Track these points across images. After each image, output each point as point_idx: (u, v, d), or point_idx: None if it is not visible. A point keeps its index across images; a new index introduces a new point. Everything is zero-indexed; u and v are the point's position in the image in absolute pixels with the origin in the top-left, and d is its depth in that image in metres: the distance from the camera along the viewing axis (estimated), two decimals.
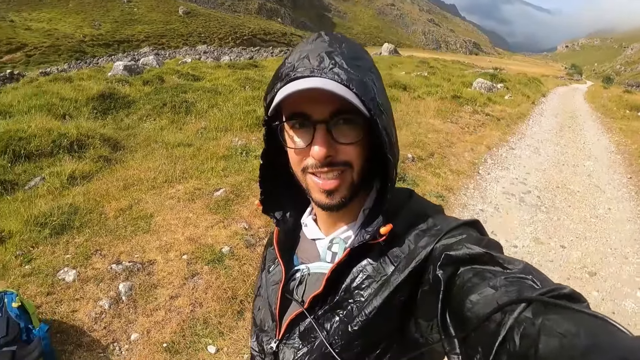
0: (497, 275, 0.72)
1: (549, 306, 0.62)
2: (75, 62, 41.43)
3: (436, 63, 33.53)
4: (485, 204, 6.84)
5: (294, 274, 1.08)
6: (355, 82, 0.82)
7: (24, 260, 4.26)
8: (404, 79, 16.71)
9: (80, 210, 5.19)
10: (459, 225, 0.89)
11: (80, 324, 3.53)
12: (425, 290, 0.82)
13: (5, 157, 6.85)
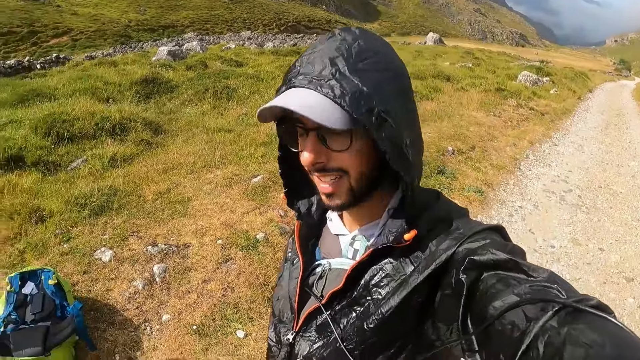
0: (522, 282, 0.72)
1: (575, 316, 0.62)
2: (120, 47, 42.51)
3: (481, 54, 32.99)
4: (524, 200, 6.73)
5: (315, 267, 1.11)
6: (349, 98, 0.80)
7: (62, 239, 4.43)
8: (448, 69, 16.48)
9: (119, 192, 5.35)
10: (482, 229, 0.88)
11: (114, 303, 3.66)
12: (447, 293, 0.83)
13: (49, 139, 7.12)
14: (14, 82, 13.45)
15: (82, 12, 59.58)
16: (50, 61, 24.58)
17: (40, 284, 3.35)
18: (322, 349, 0.98)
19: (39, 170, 6.10)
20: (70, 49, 38.44)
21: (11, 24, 45.78)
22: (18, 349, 2.86)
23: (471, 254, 0.81)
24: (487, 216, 5.99)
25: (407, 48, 34.10)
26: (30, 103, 9.83)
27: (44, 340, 2.92)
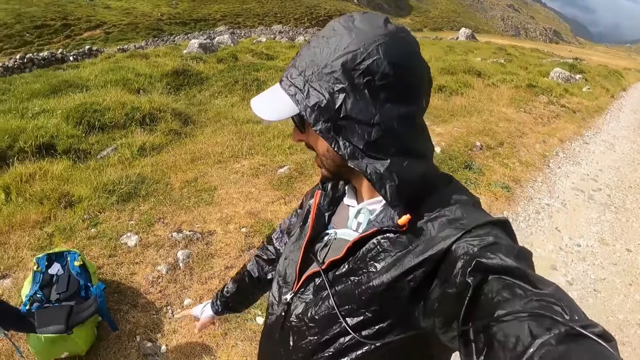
0: (528, 294, 0.73)
1: (575, 338, 0.64)
2: (152, 40, 43.15)
3: (514, 50, 32.58)
4: (552, 198, 6.66)
5: (323, 236, 1.17)
6: (308, 110, 0.93)
7: (90, 223, 4.57)
8: (479, 65, 16.35)
9: (147, 180, 5.50)
10: (485, 223, 0.90)
11: (138, 286, 3.77)
12: (450, 292, 0.83)
13: (80, 128, 7.34)
14: (47, 73, 13.86)
15: (115, 6, 60.80)
16: (83, 53, 25.15)
17: (66, 265, 3.48)
18: (316, 310, 1.05)
19: (70, 158, 6.30)
20: (102, 42, 39.29)
21: (45, 17, 47.02)
22: (42, 326, 2.98)
23: (480, 256, 0.81)
24: (513, 212, 5.94)
25: (438, 43, 33.88)
26: (62, 93, 10.13)
27: (67, 318, 3.03)
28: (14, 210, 4.81)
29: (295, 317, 1.10)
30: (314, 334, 1.04)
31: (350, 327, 0.96)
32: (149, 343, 3.32)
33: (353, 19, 0.94)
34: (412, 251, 0.91)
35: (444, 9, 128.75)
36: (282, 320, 1.15)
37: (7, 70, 21.15)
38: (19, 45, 39.10)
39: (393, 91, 0.92)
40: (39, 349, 3.03)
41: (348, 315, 0.97)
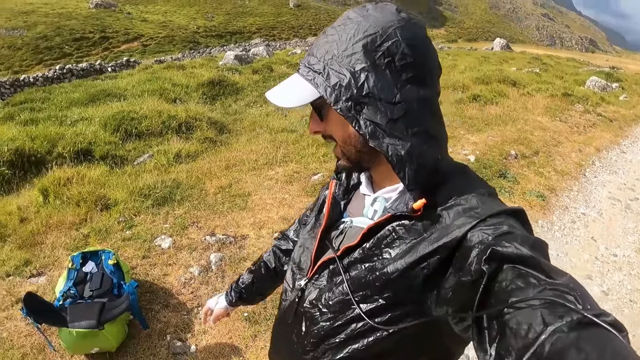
0: (542, 283, 0.75)
1: (587, 326, 0.66)
2: (189, 52, 44.14)
3: (549, 60, 32.19)
4: (588, 207, 6.56)
5: (339, 224, 1.21)
6: (329, 90, 0.96)
7: (125, 225, 4.73)
8: (514, 75, 16.26)
9: (182, 185, 5.67)
10: (499, 212, 0.91)
11: (170, 287, 3.87)
12: (465, 280, 0.85)
13: (118, 135, 7.61)
14: (86, 83, 14.39)
15: (152, 19, 62.45)
16: (121, 64, 25.97)
17: (100, 263, 3.61)
18: (329, 295, 1.08)
19: (107, 164, 6.52)
20: (140, 54, 40.38)
21: (84, 30, 48.63)
22: (74, 321, 3.09)
23: (495, 245, 0.83)
24: (548, 221, 5.87)
25: (473, 54, 33.70)
26: (100, 102, 10.53)
27: (99, 314, 3.14)
28: (51, 212, 5.00)
29: (308, 302, 1.13)
30: (327, 319, 1.07)
31: (364, 312, 0.99)
32: (178, 342, 3.40)
33: (367, 8, 0.99)
34: (426, 238, 0.94)
35: (478, 20, 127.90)
36: (295, 306, 1.19)
37: (47, 80, 22.00)
38: (59, 57, 40.53)
39: (413, 73, 0.96)
40: (70, 343, 3.12)
41: (362, 302, 1.00)
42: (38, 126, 7.96)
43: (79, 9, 59.13)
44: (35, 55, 41.33)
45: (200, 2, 79.98)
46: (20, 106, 11.33)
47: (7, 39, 43.30)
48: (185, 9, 75.76)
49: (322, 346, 1.08)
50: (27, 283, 3.92)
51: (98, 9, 60.74)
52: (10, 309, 3.62)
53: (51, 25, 48.42)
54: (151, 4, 77.24)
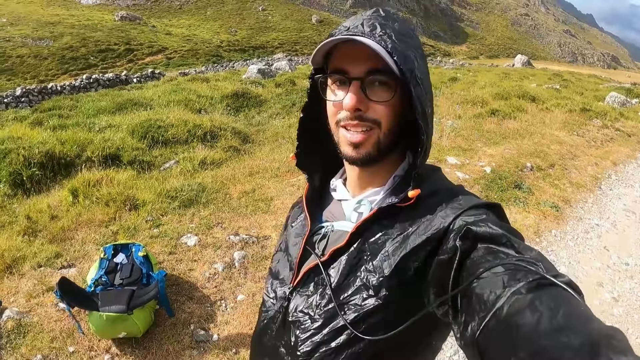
0: (509, 257, 0.80)
1: (543, 287, 0.72)
2: (212, 65, 44.85)
3: (570, 76, 32.20)
4: (602, 219, 6.70)
5: (317, 230, 1.20)
6: (398, 52, 0.96)
7: (153, 224, 5.03)
8: (534, 90, 16.44)
9: (207, 189, 5.97)
10: (480, 204, 0.98)
11: (195, 281, 4.15)
12: (442, 259, 0.91)
13: (145, 142, 7.96)
14: (112, 93, 14.86)
15: (176, 33, 63.59)
16: (146, 76, 26.68)
17: (130, 255, 3.90)
18: (319, 302, 1.06)
19: (134, 168, 6.85)
20: (164, 67, 41.10)
21: (109, 42, 49.66)
22: (105, 305, 3.35)
23: (470, 225, 0.89)
24: (561, 231, 6.02)
25: (494, 70, 33.87)
26: (127, 111, 10.93)
27: (128, 300, 3.40)
28: (81, 210, 5.32)
29: (296, 311, 1.11)
30: (319, 326, 1.05)
31: (350, 321, 0.99)
32: (201, 331, 3.65)
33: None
34: (414, 232, 0.98)
35: (499, 36, 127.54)
36: (280, 316, 1.16)
37: (74, 89, 22.73)
38: (84, 68, 41.55)
39: (429, 77, 1.07)
40: (99, 327, 3.38)
41: (351, 306, 1.00)
42: (67, 131, 8.33)
43: (104, 21, 60.58)
44: (61, 65, 42.42)
45: (224, 17, 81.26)
46: (48, 112, 11.78)
47: (34, 48, 44.46)
48: (209, 23, 77.02)
49: (317, 354, 1.04)
50: (57, 273, 4.20)
51: (123, 21, 62.14)
52: (41, 296, 3.89)
53: (77, 36, 49.59)
54: (175, 17, 78.78)
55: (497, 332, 0.71)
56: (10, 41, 45.41)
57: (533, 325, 0.66)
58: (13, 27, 50.65)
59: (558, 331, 0.63)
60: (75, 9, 73.31)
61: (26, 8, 64.30)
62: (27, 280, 4.10)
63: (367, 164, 1.09)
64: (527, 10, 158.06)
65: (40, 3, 73.85)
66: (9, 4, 65.96)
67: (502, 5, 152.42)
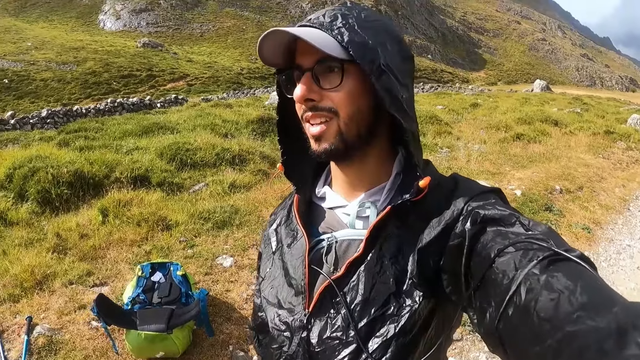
0: (519, 236, 0.79)
1: (557, 264, 0.70)
2: (233, 92, 45.45)
3: (590, 100, 32.56)
4: (633, 239, 6.75)
5: (317, 244, 1.10)
6: (355, 43, 0.92)
7: (187, 245, 5.04)
8: (556, 115, 16.71)
9: (240, 211, 5.99)
10: (487, 190, 0.97)
11: (232, 302, 4.13)
12: (452, 244, 0.90)
13: (173, 164, 8.01)
14: (138, 117, 15.10)
15: (197, 60, 64.72)
16: (170, 101, 27.12)
17: (168, 274, 3.88)
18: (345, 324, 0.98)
19: (163, 190, 6.88)
20: (185, 93, 41.55)
21: (131, 68, 50.69)
22: (143, 324, 3.34)
23: (477, 208, 0.89)
24: (594, 252, 6.07)
25: (514, 95, 34.12)
26: (154, 134, 11.06)
27: (168, 319, 3.39)
28: (111, 230, 5.35)
29: (322, 339, 1.01)
30: (355, 350, 0.96)
31: (394, 333, 0.93)
32: (241, 353, 3.62)
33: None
34: (428, 226, 0.95)
35: (517, 62, 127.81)
36: (301, 350, 1.04)
37: (98, 112, 23.17)
38: (106, 93, 42.29)
39: (410, 67, 1.05)
40: (137, 346, 3.37)
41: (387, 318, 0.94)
42: (95, 152, 8.43)
43: (127, 48, 61.92)
44: (84, 90, 43.30)
45: (245, 45, 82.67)
46: (74, 134, 11.95)
47: (58, 72, 45.54)
48: (230, 51, 78.36)
49: None
50: (89, 291, 4.22)
51: (145, 48, 63.45)
52: (72, 313, 3.90)
53: (100, 61, 50.73)
54: (197, 45, 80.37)
55: (517, 320, 0.70)
56: (34, 65, 46.66)
57: (553, 309, 0.65)
58: (37, 51, 52.11)
59: (580, 310, 0.62)
60: (98, 35, 75.35)
61: (50, 33, 66.26)
62: (58, 297, 4.11)
63: (335, 158, 1.05)
64: (544, 35, 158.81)
65: (65, 28, 76.17)
66: (34, 29, 68.04)
67: (519, 30, 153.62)
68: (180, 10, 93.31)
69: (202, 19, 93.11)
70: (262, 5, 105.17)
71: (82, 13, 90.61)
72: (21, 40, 57.92)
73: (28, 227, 5.69)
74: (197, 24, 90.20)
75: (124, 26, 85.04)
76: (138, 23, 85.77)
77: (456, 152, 10.95)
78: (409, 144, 0.98)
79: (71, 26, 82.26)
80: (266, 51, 0.99)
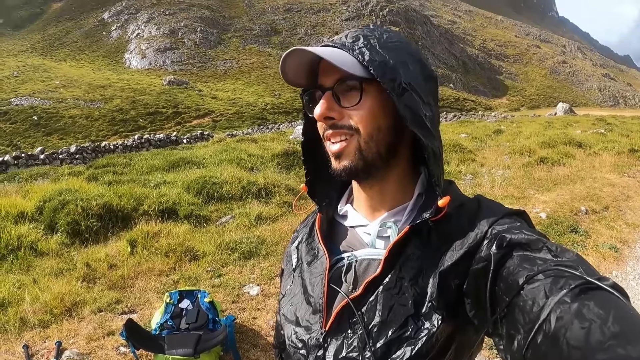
0: (548, 262, 0.78)
1: (588, 293, 0.69)
2: (257, 127, 45.97)
3: (614, 120, 32.41)
4: None
5: (337, 263, 1.09)
6: (376, 63, 0.94)
7: (214, 274, 5.17)
8: (579, 137, 16.78)
9: (266, 242, 6.13)
10: (512, 212, 0.96)
11: (259, 329, 4.20)
12: (476, 268, 0.88)
13: (200, 197, 8.19)
14: (164, 152, 15.46)
15: (222, 96, 65.86)
16: (196, 137, 27.69)
17: (195, 301, 3.99)
18: (361, 344, 0.97)
19: (190, 223, 7.02)
20: (211, 129, 42.25)
21: (157, 105, 51.77)
22: (171, 348, 3.44)
23: (504, 232, 0.88)
24: (622, 272, 5.98)
25: (537, 120, 34.21)
26: (180, 169, 11.31)
27: (195, 344, 3.48)
28: (139, 260, 5.50)
29: (335, 358, 1.00)
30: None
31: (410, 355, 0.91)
32: None
33: None
34: (450, 248, 0.94)
35: (539, 86, 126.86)
36: None
37: (126, 148, 23.67)
38: (133, 129, 43.16)
39: (434, 87, 1.06)
40: None
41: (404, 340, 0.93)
42: (123, 186, 8.66)
43: (152, 85, 63.41)
44: (111, 127, 44.32)
45: (268, 80, 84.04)
46: (103, 169, 12.29)
47: (86, 109, 46.76)
48: (254, 87, 79.66)
49: None
50: (118, 318, 4.33)
51: (171, 85, 64.91)
52: (101, 339, 4.01)
53: (127, 99, 51.97)
54: (221, 82, 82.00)
55: (546, 348, 0.69)
56: (63, 102, 47.99)
57: (584, 338, 0.64)
58: (66, 89, 53.62)
59: (612, 340, 0.61)
60: (124, 73, 77.35)
61: (78, 71, 68.17)
62: (87, 324, 4.23)
63: (355, 176, 1.05)
64: (565, 58, 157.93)
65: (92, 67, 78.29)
66: (62, 67, 70.10)
67: (539, 55, 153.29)
68: (204, 48, 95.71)
69: (225, 56, 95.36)
70: (284, 41, 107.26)
71: (108, 52, 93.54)
72: (50, 79, 59.81)
73: (58, 258, 5.85)
74: (220, 61, 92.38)
75: (149, 64, 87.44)
76: (163, 61, 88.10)
77: (480, 178, 11.01)
78: (429, 161, 0.97)
79: (98, 65, 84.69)
80: (289, 71, 1.02)
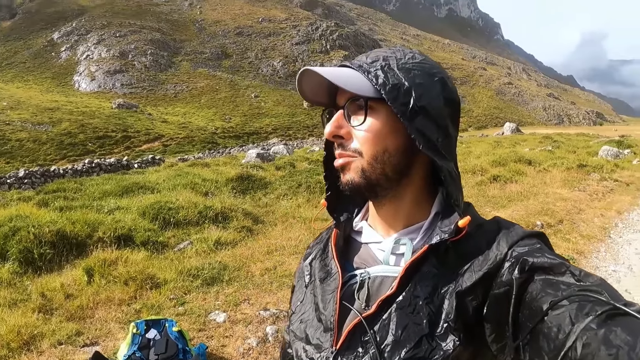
0: (572, 287, 0.76)
1: (615, 318, 0.68)
2: (208, 152, 45.78)
3: (560, 137, 33.94)
4: (617, 265, 6.91)
5: (348, 280, 1.07)
6: (387, 84, 0.93)
7: (177, 302, 5.00)
8: (528, 154, 17.33)
9: (229, 267, 6.01)
10: (533, 234, 0.94)
11: (229, 357, 4.08)
12: (498, 293, 0.86)
13: (157, 223, 7.98)
14: (116, 177, 15.06)
15: (172, 120, 65.14)
16: (147, 161, 27.09)
17: (163, 330, 3.85)
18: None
19: (148, 249, 6.82)
20: (161, 153, 41.61)
21: (106, 129, 50.74)
22: None
23: (526, 256, 0.85)
24: None
25: (486, 140, 35.29)
26: (134, 194, 11.03)
27: None
28: (97, 289, 5.29)
29: None
30: None
31: None
32: None
33: None
34: (468, 268, 0.92)
35: (486, 107, 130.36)
36: None
37: (76, 173, 22.95)
38: (82, 154, 42.13)
39: (453, 110, 1.03)
40: None
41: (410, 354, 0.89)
42: (76, 212, 8.35)
43: (102, 109, 62.09)
44: (59, 151, 43.15)
45: (218, 104, 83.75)
46: (53, 194, 11.83)
47: (33, 133, 45.36)
48: (204, 111, 79.18)
49: None
50: (80, 351, 4.14)
51: (120, 109, 63.69)
52: None
53: (75, 122, 50.69)
54: (171, 105, 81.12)
55: None
56: (9, 125, 46.43)
57: None
58: (13, 111, 51.91)
59: None
60: (73, 95, 75.55)
61: (26, 93, 66.19)
62: (47, 358, 4.04)
63: (359, 193, 1.02)
64: (510, 79, 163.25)
65: (40, 89, 76.18)
66: (9, 88, 67.93)
67: (485, 77, 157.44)
68: (154, 71, 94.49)
69: (175, 79, 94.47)
70: (234, 65, 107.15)
71: (57, 74, 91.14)
72: None
73: (10, 288, 5.58)
74: (171, 85, 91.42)
75: (98, 87, 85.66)
76: (113, 84, 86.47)
77: None
78: (446, 182, 0.96)
79: (46, 86, 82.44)
80: (307, 90, 1.02)
